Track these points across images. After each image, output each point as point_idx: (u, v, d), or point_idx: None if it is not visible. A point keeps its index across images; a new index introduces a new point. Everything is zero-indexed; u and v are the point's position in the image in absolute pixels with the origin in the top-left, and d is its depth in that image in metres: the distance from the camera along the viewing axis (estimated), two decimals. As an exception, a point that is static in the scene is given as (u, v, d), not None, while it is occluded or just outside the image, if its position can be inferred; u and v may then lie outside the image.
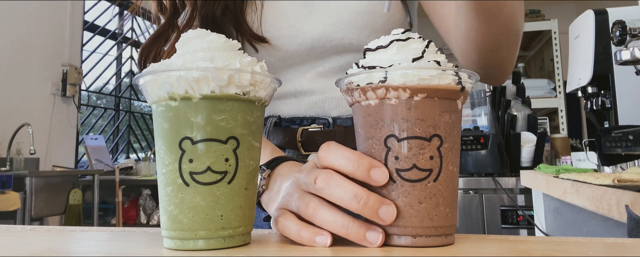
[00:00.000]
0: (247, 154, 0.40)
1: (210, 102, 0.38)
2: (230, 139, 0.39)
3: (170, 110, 0.38)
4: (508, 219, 1.91)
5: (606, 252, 0.35)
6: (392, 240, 0.38)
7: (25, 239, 0.44)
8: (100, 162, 3.82)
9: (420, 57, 0.38)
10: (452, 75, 0.38)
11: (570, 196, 1.00)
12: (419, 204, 0.37)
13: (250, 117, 0.40)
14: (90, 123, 4.49)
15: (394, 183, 0.38)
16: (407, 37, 0.39)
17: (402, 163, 0.37)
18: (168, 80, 0.38)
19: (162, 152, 0.39)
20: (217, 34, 0.41)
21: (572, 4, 4.46)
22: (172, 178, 0.38)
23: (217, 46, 0.40)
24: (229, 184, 0.38)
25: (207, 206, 0.38)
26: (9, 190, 2.68)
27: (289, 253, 0.36)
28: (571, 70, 1.56)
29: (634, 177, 0.86)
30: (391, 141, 0.38)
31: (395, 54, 0.38)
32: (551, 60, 2.76)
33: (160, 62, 0.40)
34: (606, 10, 1.37)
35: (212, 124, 0.38)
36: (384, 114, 0.38)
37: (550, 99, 2.69)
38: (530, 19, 2.83)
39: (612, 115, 1.36)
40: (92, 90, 4.47)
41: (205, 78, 0.37)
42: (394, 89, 0.37)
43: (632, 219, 0.63)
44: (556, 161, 2.25)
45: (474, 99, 2.23)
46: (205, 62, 0.38)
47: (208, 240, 0.38)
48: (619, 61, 1.05)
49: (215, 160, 0.38)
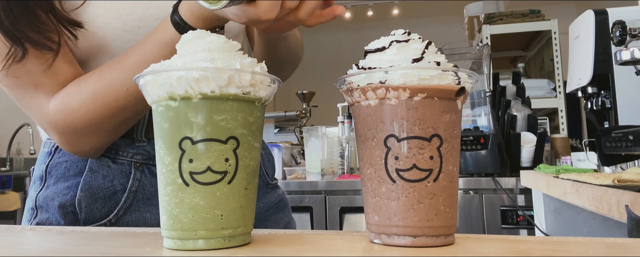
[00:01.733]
0: (247, 154, 0.40)
1: (210, 102, 0.38)
2: (230, 139, 0.39)
3: (170, 110, 0.39)
4: (508, 219, 1.91)
5: (606, 252, 0.35)
6: (393, 240, 0.38)
7: (25, 239, 0.44)
8: (100, 162, 3.81)
9: (420, 58, 0.38)
10: (452, 75, 0.38)
11: (570, 196, 1.00)
12: (419, 204, 0.37)
13: (250, 117, 0.40)
14: (90, 123, 4.49)
15: (394, 183, 0.38)
16: (407, 38, 0.39)
17: (402, 163, 0.37)
18: (168, 81, 0.38)
19: (162, 152, 0.39)
20: (217, 35, 0.41)
21: (572, 4, 4.46)
22: (172, 178, 0.38)
23: (217, 47, 0.40)
24: (229, 184, 0.39)
25: (207, 205, 0.38)
26: (9, 190, 2.68)
27: (290, 253, 0.36)
28: (571, 70, 1.56)
29: (634, 177, 0.86)
30: (391, 140, 0.38)
31: (395, 55, 0.38)
32: (551, 60, 2.76)
33: (160, 63, 0.40)
34: (606, 10, 1.37)
35: (212, 124, 0.38)
36: (383, 114, 0.38)
37: (550, 99, 2.68)
38: (531, 19, 2.83)
39: (612, 115, 1.36)
40: (92, 91, 4.47)
41: (206, 78, 0.37)
42: (394, 89, 0.37)
43: (632, 219, 0.63)
44: (556, 161, 2.25)
45: (474, 99, 2.23)
46: (206, 62, 0.38)
47: (208, 240, 0.38)
48: (619, 61, 1.05)
49: (216, 160, 0.38)
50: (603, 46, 1.35)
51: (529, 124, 2.07)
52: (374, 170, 0.39)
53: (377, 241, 0.39)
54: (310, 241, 0.41)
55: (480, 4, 3.14)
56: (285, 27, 0.54)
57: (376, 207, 0.39)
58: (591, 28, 1.38)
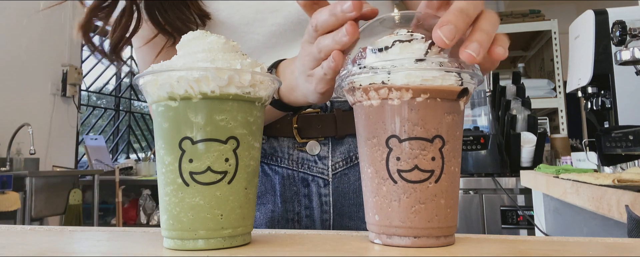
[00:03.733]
0: (247, 154, 0.40)
1: (210, 102, 0.38)
2: (230, 139, 0.39)
3: (170, 110, 0.39)
4: (508, 219, 1.91)
5: (606, 252, 0.35)
6: (393, 240, 0.38)
7: (25, 239, 0.44)
8: (100, 163, 3.82)
9: (423, 59, 0.37)
10: (455, 76, 0.37)
11: (570, 196, 1.00)
12: (421, 205, 0.37)
13: (250, 117, 0.40)
14: (90, 123, 4.49)
15: (395, 184, 0.37)
16: (410, 38, 0.39)
17: (403, 164, 0.37)
18: (168, 81, 0.38)
19: (162, 152, 0.39)
20: (217, 35, 0.41)
21: (572, 4, 4.46)
22: (172, 178, 0.38)
23: (217, 47, 0.40)
24: (229, 184, 0.39)
25: (207, 205, 0.38)
26: (9, 190, 2.68)
27: (290, 253, 0.36)
28: (571, 70, 1.56)
29: (634, 177, 0.86)
30: (393, 141, 0.38)
31: (398, 55, 0.38)
32: (551, 60, 2.76)
33: (160, 63, 0.40)
34: (606, 10, 1.37)
35: (212, 124, 0.38)
36: (385, 115, 0.38)
37: (550, 99, 2.68)
38: (531, 19, 2.83)
39: (612, 115, 1.36)
40: (92, 91, 4.47)
41: (206, 78, 0.37)
42: (396, 90, 0.37)
43: (632, 219, 0.63)
44: (556, 161, 2.25)
45: (474, 99, 2.23)
46: (206, 63, 0.38)
47: (208, 240, 0.38)
48: (619, 61, 1.05)
49: (215, 160, 0.38)
50: (603, 46, 1.35)
51: (529, 124, 2.07)
52: (375, 170, 0.39)
53: (377, 241, 0.39)
54: (311, 241, 0.41)
55: (480, 4, 3.13)
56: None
57: (377, 207, 0.39)
58: (591, 28, 1.38)
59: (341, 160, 0.68)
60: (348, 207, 0.68)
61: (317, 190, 0.68)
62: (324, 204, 0.68)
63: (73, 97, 3.93)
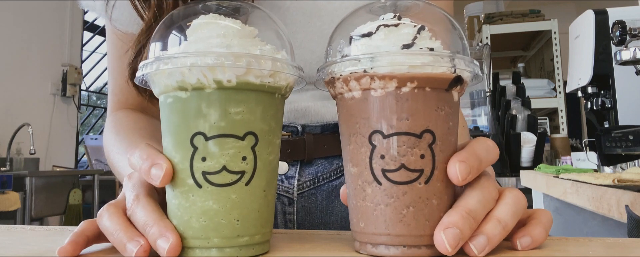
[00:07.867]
0: (266, 151, 0.35)
1: (225, 93, 0.33)
2: (248, 135, 0.34)
3: (180, 102, 0.34)
4: (508, 219, 1.91)
5: (606, 252, 0.35)
6: (380, 251, 0.34)
7: (25, 239, 0.44)
8: (100, 162, 3.82)
9: (411, 44, 0.33)
10: (447, 62, 0.33)
11: (570, 196, 1.00)
12: (409, 210, 0.33)
13: (270, 110, 0.35)
14: (90, 123, 4.49)
15: (380, 185, 0.33)
16: (396, 23, 0.34)
17: (388, 163, 0.33)
18: (178, 68, 0.33)
19: (171, 150, 0.35)
20: (232, 19, 0.36)
21: (572, 4, 4.46)
22: (182, 179, 0.34)
23: (233, 32, 0.35)
24: (246, 186, 0.34)
25: (221, 210, 0.33)
26: (9, 190, 2.68)
27: (290, 253, 0.36)
28: (571, 70, 1.56)
29: (634, 177, 0.86)
30: (376, 137, 0.33)
31: (383, 41, 0.33)
32: (551, 60, 2.76)
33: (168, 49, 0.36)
34: (606, 10, 1.37)
35: (228, 118, 0.33)
36: (368, 107, 0.33)
37: (550, 99, 2.68)
38: (531, 19, 2.83)
39: (612, 115, 1.36)
40: (92, 90, 4.47)
41: (221, 65, 0.32)
42: (379, 79, 0.33)
43: (632, 219, 0.63)
44: (556, 161, 2.25)
45: (474, 99, 2.23)
46: (221, 49, 0.33)
47: (222, 249, 0.34)
48: (619, 61, 1.05)
49: (232, 158, 0.33)
50: (603, 46, 1.35)
51: (529, 124, 2.07)
52: (358, 170, 0.34)
53: (362, 252, 0.35)
54: (310, 241, 0.41)
55: (480, 4, 3.14)
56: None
57: (361, 212, 0.34)
58: (591, 28, 1.38)
59: (309, 180, 0.65)
60: (316, 226, 0.65)
61: (281, 208, 0.66)
62: (288, 222, 0.66)
63: (73, 97, 3.93)
